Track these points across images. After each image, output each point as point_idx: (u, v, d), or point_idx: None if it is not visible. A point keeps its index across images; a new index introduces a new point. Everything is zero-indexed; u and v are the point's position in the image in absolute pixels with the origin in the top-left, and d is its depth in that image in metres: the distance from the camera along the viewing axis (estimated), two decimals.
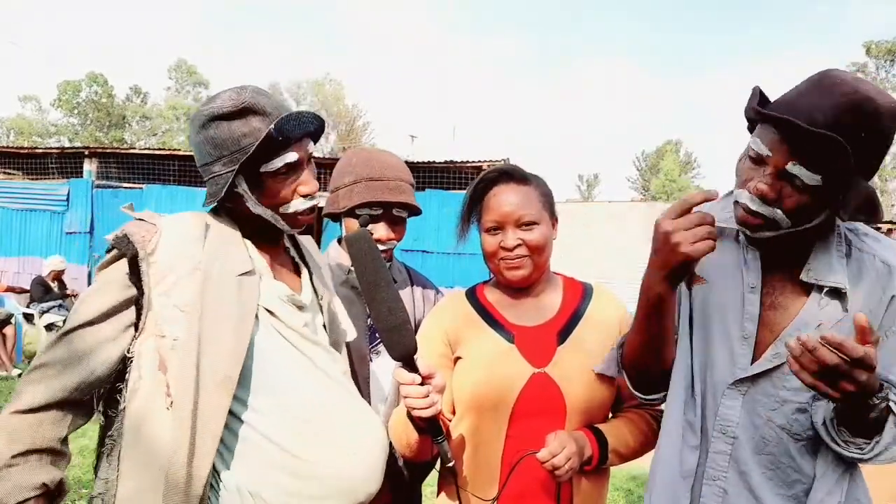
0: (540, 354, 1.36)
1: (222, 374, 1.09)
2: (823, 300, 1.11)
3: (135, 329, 1.13)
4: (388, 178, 1.60)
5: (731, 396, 1.16)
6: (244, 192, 1.20)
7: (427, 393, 1.15)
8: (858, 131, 0.98)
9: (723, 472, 1.16)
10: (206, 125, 1.19)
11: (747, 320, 1.16)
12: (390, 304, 1.14)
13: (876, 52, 33.50)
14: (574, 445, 1.27)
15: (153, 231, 1.16)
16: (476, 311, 1.45)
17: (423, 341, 1.45)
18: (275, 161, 1.19)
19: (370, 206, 1.58)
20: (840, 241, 1.14)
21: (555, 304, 1.44)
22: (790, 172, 1.03)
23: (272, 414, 1.14)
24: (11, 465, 1.04)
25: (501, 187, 1.40)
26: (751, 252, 1.18)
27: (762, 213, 1.07)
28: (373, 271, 1.15)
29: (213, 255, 1.17)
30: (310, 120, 1.24)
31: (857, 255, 1.13)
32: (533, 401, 1.33)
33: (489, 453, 1.34)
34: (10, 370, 6.48)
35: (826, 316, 1.10)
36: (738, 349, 1.16)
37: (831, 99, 1.01)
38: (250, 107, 1.18)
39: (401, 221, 1.65)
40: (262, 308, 1.19)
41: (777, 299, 1.15)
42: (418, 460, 1.39)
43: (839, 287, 1.10)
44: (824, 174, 1.01)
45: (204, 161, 1.22)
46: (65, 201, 12.11)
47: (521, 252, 1.36)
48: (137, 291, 1.13)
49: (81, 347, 1.09)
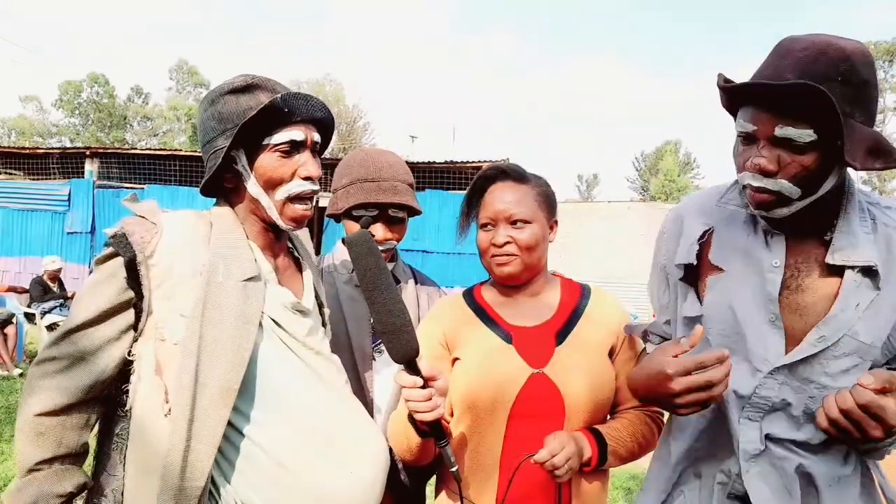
0: (538, 355, 1.35)
1: (222, 384, 1.05)
2: (858, 279, 1.07)
3: (134, 330, 1.10)
4: (384, 178, 1.59)
5: (768, 386, 1.11)
6: (243, 169, 1.16)
7: (430, 396, 1.13)
8: (831, 76, 0.96)
9: (752, 460, 1.13)
10: (215, 101, 1.18)
11: (769, 301, 1.11)
12: (391, 307, 1.12)
13: (875, 52, 33.48)
14: (573, 446, 1.26)
15: (153, 231, 1.11)
16: (473, 312, 1.45)
17: (420, 342, 1.45)
18: (278, 134, 1.15)
19: (366, 208, 1.58)
20: (864, 215, 1.10)
21: (553, 305, 1.44)
22: (781, 137, 1.00)
23: (274, 428, 1.11)
24: (37, 470, 1.03)
25: (498, 185, 1.41)
26: (775, 236, 1.14)
27: (767, 187, 1.04)
28: (373, 273, 1.13)
29: (218, 259, 1.12)
30: (318, 106, 1.22)
31: (884, 231, 1.09)
32: (531, 401, 1.32)
33: (487, 454, 1.34)
34: (11, 370, 6.49)
35: (862, 296, 1.07)
36: (768, 334, 1.11)
37: (793, 55, 1.01)
38: (259, 83, 1.17)
39: (399, 222, 1.64)
40: (266, 316, 1.15)
41: (803, 282, 1.11)
42: (418, 464, 1.38)
43: (870, 265, 1.06)
44: (814, 126, 0.98)
45: (207, 137, 1.18)
46: (66, 201, 12.12)
47: (510, 250, 1.36)
48: (136, 295, 1.09)
49: (88, 346, 1.07)
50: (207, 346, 1.06)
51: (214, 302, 1.08)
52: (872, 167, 1.00)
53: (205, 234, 1.15)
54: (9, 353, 6.62)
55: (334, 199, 1.65)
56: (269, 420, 1.11)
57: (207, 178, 1.18)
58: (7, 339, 6.66)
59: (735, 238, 1.18)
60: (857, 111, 0.99)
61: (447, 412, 1.40)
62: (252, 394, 1.10)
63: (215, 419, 1.04)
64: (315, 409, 1.15)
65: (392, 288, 1.14)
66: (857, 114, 0.99)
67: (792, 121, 0.99)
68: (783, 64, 1.01)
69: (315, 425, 1.14)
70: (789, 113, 0.99)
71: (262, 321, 1.14)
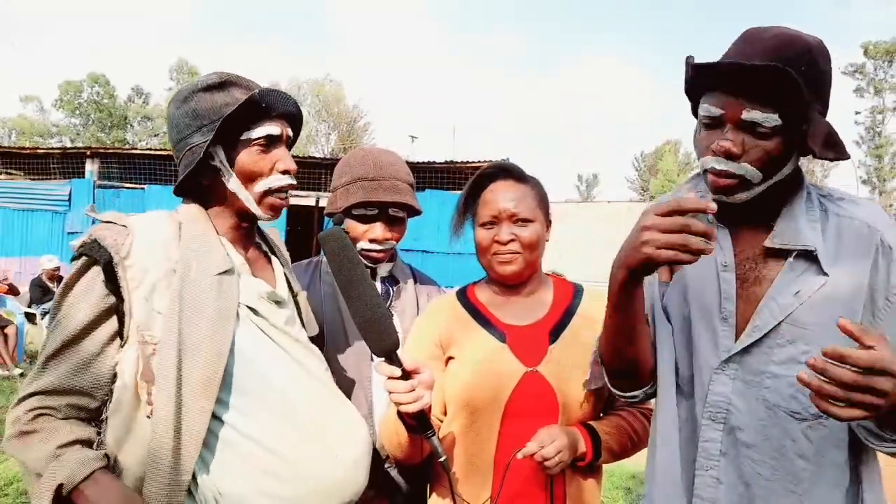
0: (532, 353, 1.36)
1: (204, 376, 1.05)
2: (797, 265, 1.07)
3: (119, 338, 1.08)
4: (383, 177, 1.57)
5: (720, 381, 1.10)
6: (221, 165, 1.17)
7: (412, 387, 1.13)
8: (797, 65, 0.98)
9: (714, 460, 1.11)
10: (188, 98, 1.17)
11: (725, 300, 1.11)
12: (367, 300, 1.13)
13: (874, 52, 33.47)
14: (565, 439, 1.27)
15: (125, 234, 1.10)
16: (467, 312, 1.45)
17: (415, 343, 1.46)
18: (257, 129, 1.17)
19: (366, 207, 1.56)
20: (811, 205, 1.11)
21: (546, 304, 1.45)
22: (747, 121, 1.01)
23: (256, 414, 1.11)
24: (62, 452, 1.01)
25: (499, 183, 1.41)
26: (720, 231, 1.12)
27: (731, 170, 1.03)
28: (348, 268, 1.14)
29: (190, 255, 1.12)
30: (291, 102, 1.25)
31: (835, 221, 1.09)
32: (525, 400, 1.33)
33: (482, 453, 1.34)
34: (11, 369, 6.52)
35: (805, 283, 1.05)
36: (719, 330, 1.11)
37: (761, 43, 1.03)
38: (234, 80, 1.19)
39: (399, 221, 1.62)
40: (244, 306, 1.15)
41: (755, 273, 1.11)
42: (411, 462, 1.38)
43: (808, 249, 1.05)
44: (781, 111, 1.00)
45: (181, 135, 1.18)
46: (66, 201, 12.13)
47: (514, 248, 1.37)
48: (116, 299, 1.07)
49: (80, 360, 1.06)
50: (186, 342, 1.06)
51: (190, 298, 1.08)
52: (827, 157, 1.02)
53: (175, 232, 1.15)
54: (9, 353, 6.64)
55: (333, 197, 1.64)
56: (251, 407, 1.11)
57: (185, 176, 1.17)
58: (7, 339, 6.68)
59: None
60: (817, 101, 1.02)
61: (438, 411, 1.40)
62: (231, 383, 1.11)
63: (198, 412, 1.05)
64: (296, 394, 1.15)
65: (367, 281, 1.15)
66: (817, 103, 1.02)
67: (759, 105, 1.00)
68: (751, 50, 1.03)
69: (297, 409, 1.14)
70: (757, 97, 1.01)
71: (240, 311, 1.15)
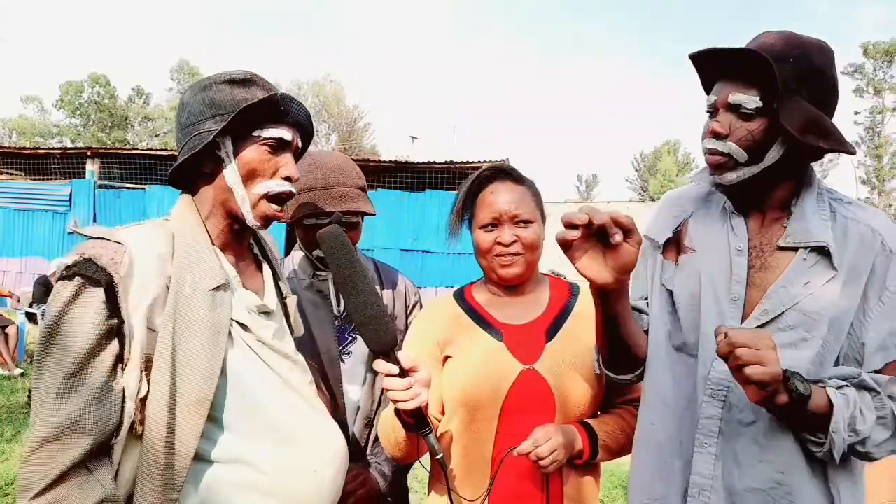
0: (528, 351, 1.37)
1: (197, 395, 1.04)
2: (809, 257, 1.14)
3: (121, 361, 1.03)
4: (332, 185, 1.57)
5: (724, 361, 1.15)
6: (226, 156, 1.15)
7: (409, 385, 1.13)
8: (784, 57, 1.09)
9: (714, 437, 1.16)
10: (208, 87, 1.17)
11: (735, 283, 1.18)
12: (366, 298, 1.13)
13: (874, 53, 33.47)
14: (561, 437, 1.28)
15: (121, 251, 1.04)
16: (465, 312, 1.46)
17: (413, 343, 1.47)
18: (270, 129, 1.17)
19: (317, 217, 1.56)
20: (823, 205, 1.18)
21: (542, 302, 1.46)
22: (732, 103, 1.13)
23: (240, 431, 1.11)
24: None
25: (498, 185, 1.42)
26: (736, 218, 1.23)
27: (718, 148, 1.15)
28: (347, 267, 1.14)
29: (184, 270, 1.09)
30: (306, 113, 1.25)
31: (842, 221, 1.16)
32: (522, 397, 1.33)
33: (480, 451, 1.35)
34: (12, 369, 6.53)
35: (815, 275, 1.13)
36: (727, 311, 1.18)
37: (759, 41, 1.15)
38: (257, 80, 1.19)
39: (352, 226, 1.60)
40: (234, 322, 1.13)
41: (766, 260, 1.18)
42: (408, 461, 1.39)
43: (822, 245, 1.13)
44: (761, 92, 1.11)
45: (192, 120, 1.15)
46: (67, 201, 12.16)
47: (517, 249, 1.38)
48: (117, 320, 1.01)
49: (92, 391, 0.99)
50: (181, 359, 1.04)
51: (184, 314, 1.06)
52: (816, 143, 1.09)
53: (168, 245, 1.12)
54: (10, 353, 6.65)
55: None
56: (238, 425, 1.11)
57: (186, 158, 1.15)
58: (8, 339, 6.69)
59: (708, 222, 1.27)
60: (806, 91, 1.10)
61: (436, 410, 1.41)
62: (220, 401, 1.09)
63: (191, 430, 1.04)
64: (281, 413, 1.15)
65: (366, 279, 1.15)
66: (805, 93, 1.10)
67: (743, 88, 1.13)
68: (754, 45, 1.14)
69: (281, 427, 1.14)
70: (740, 80, 1.13)
71: (231, 329, 1.13)
